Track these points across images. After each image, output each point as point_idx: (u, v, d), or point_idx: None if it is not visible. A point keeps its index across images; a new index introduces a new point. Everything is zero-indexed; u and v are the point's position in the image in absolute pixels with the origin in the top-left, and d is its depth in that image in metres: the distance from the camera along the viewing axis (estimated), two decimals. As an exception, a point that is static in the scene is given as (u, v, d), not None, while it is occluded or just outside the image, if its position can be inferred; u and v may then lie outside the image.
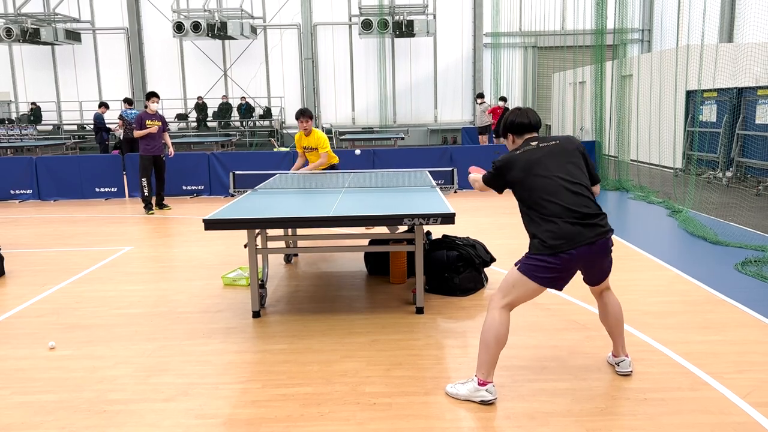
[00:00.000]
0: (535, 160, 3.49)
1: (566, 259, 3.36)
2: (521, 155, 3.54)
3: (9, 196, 12.14)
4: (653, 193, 10.76)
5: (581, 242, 3.35)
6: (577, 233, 3.35)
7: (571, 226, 3.35)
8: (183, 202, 11.57)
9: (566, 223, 3.35)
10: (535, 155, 3.52)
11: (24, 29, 20.60)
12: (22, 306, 5.52)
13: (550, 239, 3.36)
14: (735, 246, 6.95)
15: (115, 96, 22.93)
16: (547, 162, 3.49)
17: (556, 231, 3.35)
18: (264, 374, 3.97)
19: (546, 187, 3.43)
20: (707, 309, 4.99)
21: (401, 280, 5.96)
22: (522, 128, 3.67)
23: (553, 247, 3.35)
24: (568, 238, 3.34)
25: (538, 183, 3.44)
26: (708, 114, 12.82)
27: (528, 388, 3.69)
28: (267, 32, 23.82)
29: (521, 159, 3.53)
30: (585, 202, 3.43)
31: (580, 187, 3.46)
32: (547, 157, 3.51)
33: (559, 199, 3.39)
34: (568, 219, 3.36)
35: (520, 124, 3.67)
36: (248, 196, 5.94)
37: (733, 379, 3.73)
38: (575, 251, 3.35)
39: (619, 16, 11.64)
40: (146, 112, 10.20)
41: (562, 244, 3.34)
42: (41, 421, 3.44)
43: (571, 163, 3.53)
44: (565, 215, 3.37)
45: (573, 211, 3.38)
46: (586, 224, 3.38)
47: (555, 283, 3.46)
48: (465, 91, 24.19)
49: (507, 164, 3.57)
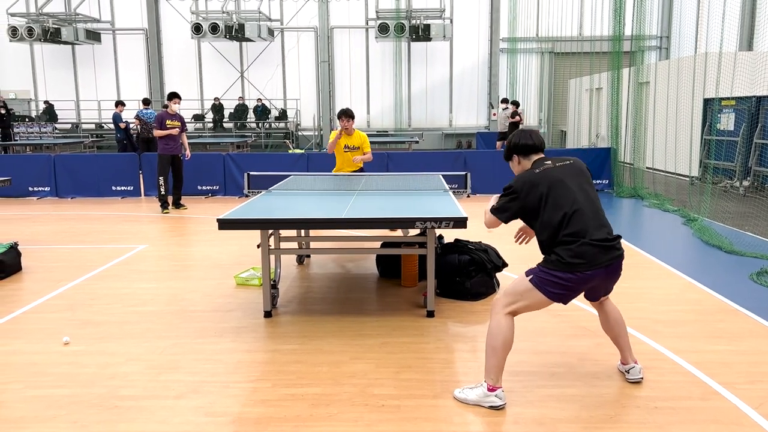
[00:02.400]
0: (558, 179, 3.49)
1: (581, 278, 3.40)
2: (541, 174, 3.53)
3: (27, 193, 12.30)
4: (668, 201, 10.67)
5: (599, 264, 3.38)
6: (596, 255, 3.38)
7: (593, 247, 3.37)
8: (198, 201, 11.66)
9: (587, 245, 3.37)
10: (556, 174, 3.51)
11: (45, 29, 20.89)
12: (37, 301, 5.60)
13: (569, 257, 3.37)
14: (750, 256, 6.88)
15: (133, 96, 23.14)
16: (569, 181, 3.50)
17: (576, 250, 3.37)
18: (274, 374, 4.00)
19: (572, 205, 3.43)
20: (720, 318, 4.94)
21: (412, 283, 5.97)
22: (527, 149, 3.69)
23: (572, 266, 3.37)
24: (587, 259, 3.36)
25: (563, 201, 3.44)
26: (725, 122, 12.70)
27: (537, 393, 3.68)
28: (284, 34, 23.95)
29: (544, 177, 3.51)
30: (605, 223, 3.49)
31: (599, 209, 3.52)
32: (568, 177, 3.52)
33: (582, 220, 3.41)
34: (590, 240, 3.38)
35: (524, 146, 3.69)
36: (262, 196, 5.98)
37: (745, 389, 3.70)
38: (591, 272, 3.38)
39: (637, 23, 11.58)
40: (167, 113, 10.27)
41: (580, 264, 3.36)
42: (53, 415, 3.48)
43: (588, 183, 3.59)
44: (588, 236, 3.38)
45: (595, 232, 3.40)
46: (606, 247, 3.41)
47: (563, 299, 3.50)
48: (480, 96, 24.15)
49: (527, 184, 3.53)
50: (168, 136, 10.23)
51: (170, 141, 10.31)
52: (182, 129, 10.49)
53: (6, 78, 24.35)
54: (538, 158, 3.67)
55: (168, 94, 10.41)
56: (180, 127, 10.36)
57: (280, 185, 6.76)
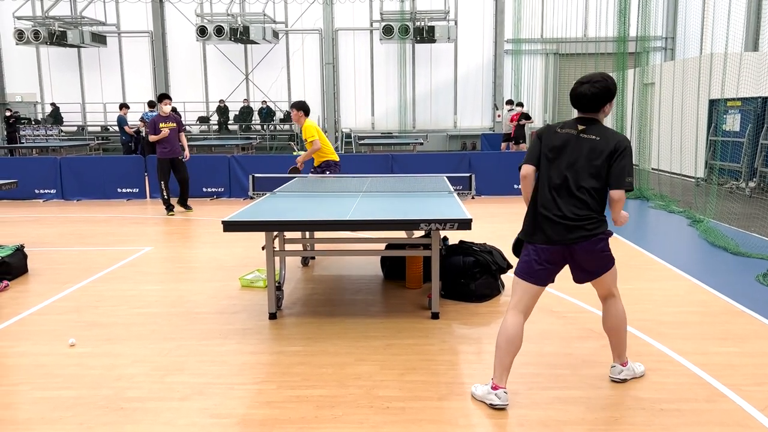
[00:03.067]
0: (558, 147, 3.49)
1: (537, 251, 3.50)
2: (555, 133, 3.54)
3: (33, 196, 12.35)
4: (674, 203, 10.64)
5: (558, 242, 3.44)
6: (554, 230, 3.44)
7: (551, 223, 3.44)
8: (203, 204, 11.68)
9: (546, 220, 3.46)
10: (567, 141, 3.48)
11: (51, 32, 20.99)
12: (43, 303, 5.62)
13: (527, 226, 3.56)
14: (757, 257, 6.85)
15: (138, 98, 23.22)
16: (564, 153, 3.48)
17: (535, 222, 3.52)
18: (279, 375, 4.00)
19: (551, 177, 3.49)
20: (726, 320, 4.93)
21: (417, 285, 5.97)
22: (572, 102, 3.58)
23: (528, 236, 3.54)
24: (544, 233, 3.47)
25: (548, 170, 3.51)
26: (731, 123, 12.66)
27: (542, 395, 3.68)
28: (289, 37, 23.99)
29: (552, 136, 3.53)
30: (577, 204, 3.43)
31: (582, 191, 3.43)
32: (571, 149, 3.47)
33: (551, 192, 3.47)
34: (552, 215, 3.44)
35: (571, 97, 3.56)
36: (267, 198, 5.99)
37: (751, 391, 3.68)
38: (548, 247, 3.46)
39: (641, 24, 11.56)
40: (159, 116, 10.21)
41: (536, 237, 3.50)
42: (60, 417, 3.50)
43: (590, 164, 3.43)
44: (550, 210, 3.45)
45: (561, 208, 3.43)
46: (567, 226, 3.42)
47: (526, 272, 3.55)
48: (485, 98, 24.13)
49: (543, 132, 3.60)
50: (165, 140, 10.12)
51: (168, 144, 10.19)
52: (180, 129, 10.40)
53: (12, 81, 24.47)
54: (578, 117, 3.57)
55: (158, 96, 10.34)
56: (176, 127, 10.26)
57: (284, 187, 6.78)
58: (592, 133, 3.47)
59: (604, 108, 3.52)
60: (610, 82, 3.47)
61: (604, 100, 3.48)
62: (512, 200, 11.56)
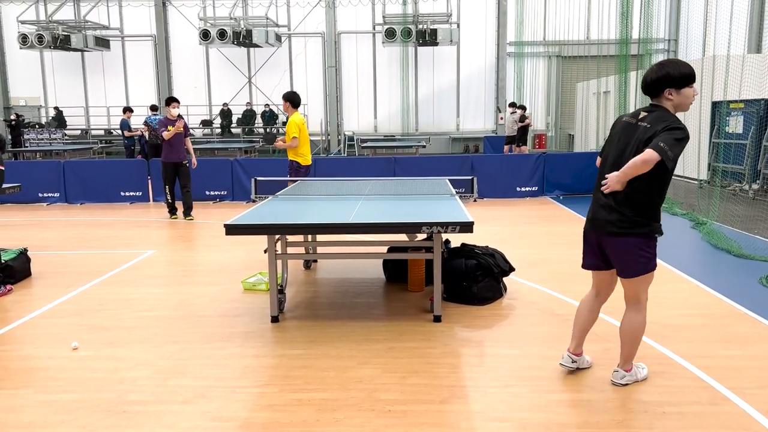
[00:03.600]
0: (616, 134, 3.63)
1: (585, 232, 3.77)
2: (619, 120, 3.69)
3: (37, 199, 12.38)
4: (677, 205, 10.62)
5: (589, 227, 3.70)
6: (588, 214, 3.68)
7: (592, 208, 3.68)
8: (206, 207, 11.70)
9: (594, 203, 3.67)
10: (623, 129, 3.59)
11: (55, 36, 21.05)
12: (47, 307, 5.64)
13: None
14: (760, 259, 6.83)
15: (141, 102, 23.26)
16: (619, 140, 3.58)
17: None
18: (281, 379, 4.01)
19: (604, 164, 3.64)
20: (729, 323, 4.91)
21: (419, 288, 5.97)
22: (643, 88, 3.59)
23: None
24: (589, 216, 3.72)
25: (606, 152, 3.68)
26: (734, 125, 12.64)
27: (544, 398, 3.67)
28: (291, 40, 24.03)
29: (615, 124, 3.70)
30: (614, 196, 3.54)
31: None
32: (625, 135, 3.54)
33: (599, 179, 3.64)
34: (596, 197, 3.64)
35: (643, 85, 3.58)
36: (269, 202, 6.00)
37: (754, 394, 3.67)
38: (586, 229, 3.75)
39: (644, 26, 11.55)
40: (167, 118, 10.21)
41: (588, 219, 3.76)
42: (62, 420, 3.50)
43: (635, 149, 3.40)
44: (594, 194, 3.68)
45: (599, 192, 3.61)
46: (597, 215, 3.62)
47: (584, 253, 3.86)
48: (488, 100, 24.12)
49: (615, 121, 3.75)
50: (170, 143, 10.03)
51: (172, 148, 10.14)
52: (186, 134, 10.41)
53: (16, 85, 24.56)
54: (648, 104, 3.58)
55: (166, 99, 10.34)
56: (182, 132, 10.22)
57: (287, 190, 6.79)
58: (647, 120, 3.40)
59: (665, 94, 3.41)
60: (671, 68, 3.36)
61: (663, 85, 3.38)
62: (515, 203, 11.56)
